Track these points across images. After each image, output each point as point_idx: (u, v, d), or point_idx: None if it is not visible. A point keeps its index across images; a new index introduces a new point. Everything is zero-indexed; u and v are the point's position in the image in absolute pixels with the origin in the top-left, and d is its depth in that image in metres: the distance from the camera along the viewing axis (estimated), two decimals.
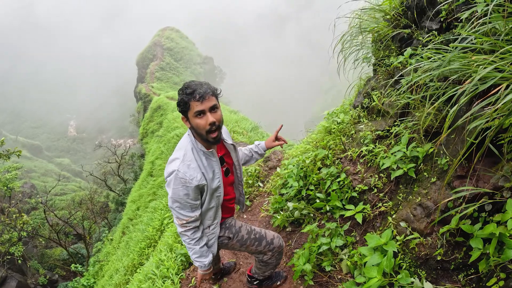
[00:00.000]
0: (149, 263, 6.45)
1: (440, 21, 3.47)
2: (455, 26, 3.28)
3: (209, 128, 2.46)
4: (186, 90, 2.43)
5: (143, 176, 17.88)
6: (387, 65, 4.20)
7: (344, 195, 3.94)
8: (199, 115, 2.44)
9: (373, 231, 3.61)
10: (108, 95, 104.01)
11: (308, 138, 5.47)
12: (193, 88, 2.42)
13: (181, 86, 2.53)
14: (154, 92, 33.63)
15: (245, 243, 3.10)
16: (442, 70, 2.14)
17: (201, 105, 2.41)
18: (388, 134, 3.87)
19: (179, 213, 2.64)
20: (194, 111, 2.43)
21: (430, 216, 2.93)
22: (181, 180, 2.50)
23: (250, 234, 3.11)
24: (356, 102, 4.72)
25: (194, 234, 2.75)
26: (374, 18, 4.52)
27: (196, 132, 2.55)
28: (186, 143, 2.63)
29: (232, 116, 16.39)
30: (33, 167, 56.40)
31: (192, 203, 2.60)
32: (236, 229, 3.09)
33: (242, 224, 3.16)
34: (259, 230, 3.19)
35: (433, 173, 3.05)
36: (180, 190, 2.53)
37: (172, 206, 2.63)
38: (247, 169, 6.38)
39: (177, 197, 2.56)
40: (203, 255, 2.83)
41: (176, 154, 2.63)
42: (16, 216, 17.32)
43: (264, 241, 3.14)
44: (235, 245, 3.11)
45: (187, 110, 2.47)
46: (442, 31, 3.45)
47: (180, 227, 2.72)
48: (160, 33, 54.06)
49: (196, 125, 2.48)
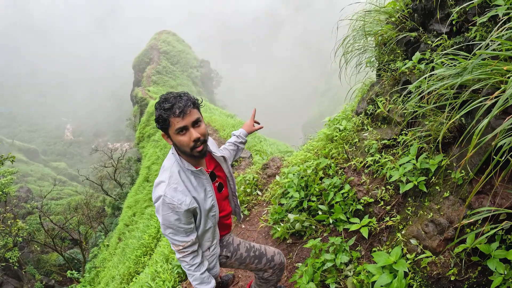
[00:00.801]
0: (144, 274, 6.26)
1: (450, 24, 3.28)
2: (467, 29, 3.10)
3: (193, 144, 2.24)
4: (163, 105, 2.17)
5: (139, 181, 17.70)
6: (393, 69, 4.01)
7: (349, 207, 3.74)
8: (181, 132, 2.20)
9: (379, 246, 3.41)
10: (104, 98, 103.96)
11: (309, 146, 5.27)
12: (172, 102, 2.16)
13: (157, 99, 2.28)
14: (150, 96, 33.43)
15: (244, 261, 2.91)
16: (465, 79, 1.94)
17: (182, 121, 2.17)
18: (395, 144, 3.68)
19: (173, 239, 2.41)
20: (175, 128, 2.19)
21: (443, 233, 2.73)
22: (169, 205, 2.27)
23: (249, 252, 2.92)
24: (359, 108, 4.52)
25: (194, 259, 2.52)
26: (379, 21, 4.33)
27: (180, 150, 2.32)
28: (171, 163, 2.39)
29: (229, 120, 16.26)
30: (29, 171, 56.14)
31: (186, 227, 2.38)
32: (234, 247, 2.89)
33: (241, 241, 2.96)
34: (259, 246, 3.00)
35: (445, 187, 2.85)
36: (170, 215, 2.30)
37: (165, 233, 2.41)
38: (245, 176, 6.18)
39: (169, 223, 2.33)
40: (204, 282, 2.58)
41: (162, 176, 2.38)
42: (11, 222, 17.07)
43: (265, 259, 2.95)
44: (234, 264, 2.92)
45: (167, 127, 2.22)
46: (452, 35, 3.26)
47: (178, 253, 2.50)
48: (157, 36, 53.95)
49: (179, 142, 2.24)
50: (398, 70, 3.88)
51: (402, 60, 3.92)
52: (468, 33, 2.99)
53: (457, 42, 3.17)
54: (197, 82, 49.10)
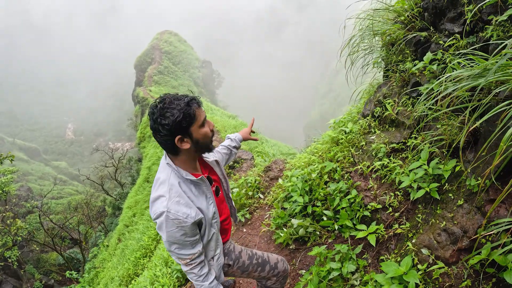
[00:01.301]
0: (143, 278, 6.14)
1: (463, 24, 3.14)
2: (481, 29, 2.96)
3: (212, 134, 2.16)
4: (180, 103, 1.99)
5: (139, 182, 17.62)
6: (402, 70, 3.87)
7: (355, 213, 3.60)
8: (205, 122, 2.11)
9: (387, 254, 3.27)
10: (105, 98, 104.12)
11: (313, 148, 5.12)
12: (183, 98, 2.02)
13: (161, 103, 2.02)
14: (152, 96, 33.34)
15: (247, 270, 2.77)
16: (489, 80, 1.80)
17: (202, 111, 2.09)
18: (404, 148, 3.53)
19: (180, 254, 2.24)
20: (201, 119, 2.07)
21: (457, 243, 2.59)
22: (174, 221, 2.09)
23: (251, 259, 2.79)
24: (366, 110, 4.37)
25: (201, 270, 2.35)
26: (387, 19, 4.19)
27: (200, 145, 2.15)
28: (167, 174, 2.20)
29: (231, 121, 16.15)
30: (30, 170, 56.14)
31: (192, 240, 2.21)
32: (236, 254, 2.76)
33: (242, 249, 2.83)
34: (261, 254, 2.87)
35: (459, 195, 2.71)
36: (175, 232, 2.12)
37: (170, 250, 2.23)
38: (246, 179, 6.04)
39: (174, 239, 2.16)
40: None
41: (159, 191, 2.17)
42: (10, 221, 16.99)
43: (268, 266, 2.82)
44: (236, 272, 2.79)
45: (191, 123, 2.04)
46: (465, 35, 3.12)
47: (185, 266, 2.33)
48: (159, 36, 53.88)
49: (204, 134, 2.11)
50: (407, 71, 3.74)
51: (412, 61, 3.78)
52: (483, 33, 2.86)
53: (470, 42, 3.04)
54: (198, 82, 49.02)
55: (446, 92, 2.22)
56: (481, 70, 2.00)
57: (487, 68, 2.00)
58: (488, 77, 1.78)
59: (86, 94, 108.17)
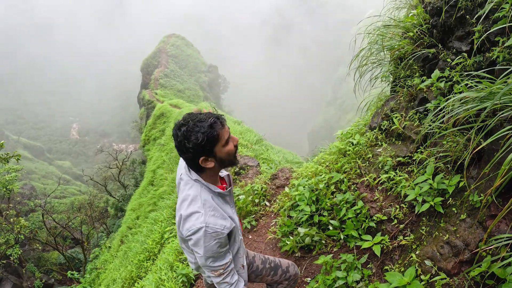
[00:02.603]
0: (148, 281, 6.20)
1: (471, 43, 3.25)
2: (488, 49, 3.06)
3: (235, 149, 2.21)
4: (204, 125, 2.04)
5: (143, 184, 17.68)
6: (409, 86, 3.98)
7: (361, 224, 3.70)
8: (228, 140, 2.16)
9: (391, 264, 3.36)
10: (110, 99, 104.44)
11: (320, 158, 5.22)
12: (207, 119, 2.06)
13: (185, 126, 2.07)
14: (157, 99, 33.48)
15: (260, 274, 2.86)
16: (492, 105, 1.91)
17: (225, 130, 2.13)
18: (410, 161, 3.64)
19: (214, 267, 2.28)
20: (225, 139, 2.12)
21: (459, 255, 2.70)
22: (213, 234, 2.13)
23: (265, 264, 2.88)
24: (373, 123, 4.48)
25: (233, 277, 2.40)
26: (397, 35, 4.30)
27: (225, 163, 2.23)
28: (198, 191, 2.25)
29: (236, 127, 16.20)
30: (33, 168, 56.31)
31: (225, 250, 2.28)
32: (250, 259, 2.85)
33: (255, 254, 2.92)
34: (273, 258, 2.96)
35: (463, 209, 2.81)
36: (213, 245, 2.17)
37: (206, 264, 2.27)
38: (253, 186, 6.14)
39: (212, 253, 2.20)
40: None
41: (192, 207, 2.21)
42: (13, 220, 17.09)
43: (280, 270, 2.91)
44: (250, 277, 2.87)
45: (215, 145, 2.10)
46: (472, 54, 3.22)
47: (217, 278, 2.35)
48: (165, 39, 54.13)
49: (228, 153, 2.16)
50: (415, 87, 3.84)
51: (419, 76, 3.89)
52: (490, 53, 2.95)
53: (477, 61, 3.14)
54: (204, 87, 49.16)
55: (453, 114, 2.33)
56: (487, 94, 2.11)
57: (493, 92, 2.10)
58: (494, 101, 1.88)
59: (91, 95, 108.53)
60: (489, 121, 2.09)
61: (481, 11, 2.76)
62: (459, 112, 2.30)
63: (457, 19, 3.44)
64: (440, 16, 3.60)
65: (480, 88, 2.37)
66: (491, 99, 2.08)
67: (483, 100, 2.16)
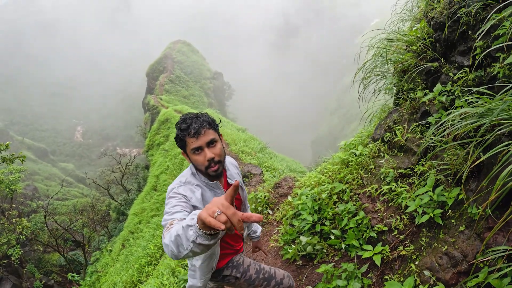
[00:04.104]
0: (149, 285, 6.25)
1: (472, 57, 3.32)
2: (489, 64, 3.13)
3: (208, 164, 2.30)
4: (181, 126, 2.28)
5: (146, 189, 17.73)
6: (412, 98, 4.05)
7: (362, 234, 3.75)
8: (197, 151, 2.28)
9: (390, 274, 3.42)
10: (115, 103, 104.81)
11: (323, 168, 5.29)
12: (188, 123, 2.26)
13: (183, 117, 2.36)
14: (162, 105, 33.62)
15: (253, 283, 2.91)
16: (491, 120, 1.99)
17: (197, 141, 2.24)
18: (411, 173, 3.70)
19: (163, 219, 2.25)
20: (190, 148, 2.28)
21: (457, 266, 2.75)
22: (172, 191, 2.31)
23: (259, 274, 2.92)
24: (376, 134, 4.55)
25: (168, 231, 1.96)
26: (401, 49, 4.38)
27: (196, 168, 2.41)
28: (188, 174, 2.47)
29: (240, 135, 16.28)
30: (37, 170, 56.43)
31: (173, 211, 2.15)
32: (244, 268, 2.90)
33: (251, 263, 2.97)
34: (269, 269, 3.01)
35: (461, 221, 2.88)
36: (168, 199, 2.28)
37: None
38: (256, 194, 6.21)
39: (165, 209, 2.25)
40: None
41: (178, 179, 2.47)
42: (16, 220, 17.17)
43: (273, 281, 2.95)
44: (243, 285, 2.93)
45: (184, 146, 2.33)
46: (474, 68, 3.30)
47: None
48: (172, 45, 54.47)
49: (194, 161, 2.33)
50: (417, 100, 3.91)
51: (422, 89, 3.96)
52: (491, 69, 3.02)
53: (478, 76, 3.21)
54: (209, 93, 49.33)
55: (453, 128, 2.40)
56: (485, 110, 2.18)
57: (491, 108, 2.18)
58: (492, 118, 1.96)
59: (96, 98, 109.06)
60: (487, 136, 2.17)
61: (483, 27, 2.84)
62: (459, 127, 2.37)
63: (459, 34, 3.51)
64: (443, 31, 3.67)
65: (480, 104, 2.45)
66: (490, 115, 2.16)
67: (482, 115, 2.23)
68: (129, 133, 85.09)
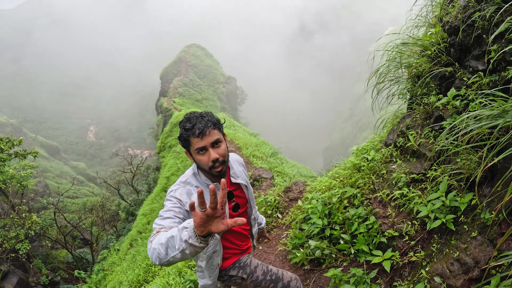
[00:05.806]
0: (155, 285, 6.24)
1: (487, 62, 3.28)
2: (503, 68, 3.08)
3: (212, 164, 2.29)
4: (185, 125, 2.28)
5: (156, 190, 17.79)
6: (426, 103, 4.01)
7: (372, 239, 3.71)
8: (201, 152, 2.28)
9: (400, 281, 3.36)
10: (129, 104, 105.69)
11: (334, 173, 5.25)
12: (192, 123, 2.25)
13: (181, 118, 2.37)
14: (175, 107, 33.81)
15: (259, 284, 2.87)
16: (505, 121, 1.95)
17: (201, 141, 2.24)
18: (424, 178, 3.65)
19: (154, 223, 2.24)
20: (194, 147, 2.27)
21: (468, 273, 2.70)
22: (169, 195, 2.34)
23: (265, 275, 2.88)
24: (388, 139, 4.51)
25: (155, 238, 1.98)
26: (415, 53, 4.34)
27: (200, 168, 2.40)
28: (190, 174, 2.48)
29: (252, 139, 16.27)
30: (49, 167, 56.89)
31: (167, 215, 2.20)
32: (252, 269, 2.86)
33: (258, 264, 2.93)
34: (276, 270, 2.97)
35: (474, 227, 2.82)
36: (165, 203, 2.33)
37: None
38: (266, 198, 6.19)
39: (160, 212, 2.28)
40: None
41: (180, 178, 2.51)
42: (25, 215, 17.33)
43: (280, 283, 2.90)
44: (249, 286, 2.89)
45: (188, 146, 2.33)
46: (488, 73, 3.25)
47: None
48: (186, 49, 54.87)
49: (198, 161, 2.33)
50: (431, 105, 3.87)
51: (436, 94, 3.91)
52: (505, 72, 2.98)
53: (493, 80, 3.16)
54: (222, 98, 49.53)
55: (467, 130, 2.36)
56: (500, 112, 2.14)
57: (506, 109, 2.14)
58: (506, 119, 1.92)
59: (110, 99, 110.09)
60: (502, 139, 2.13)
61: (497, 31, 2.80)
62: (473, 128, 2.34)
63: (474, 38, 3.47)
64: (458, 35, 3.63)
65: (494, 106, 2.41)
66: (504, 117, 2.12)
67: (496, 118, 2.19)
68: (141, 134, 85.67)
